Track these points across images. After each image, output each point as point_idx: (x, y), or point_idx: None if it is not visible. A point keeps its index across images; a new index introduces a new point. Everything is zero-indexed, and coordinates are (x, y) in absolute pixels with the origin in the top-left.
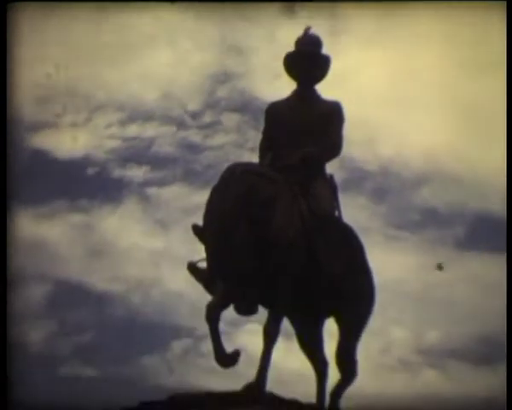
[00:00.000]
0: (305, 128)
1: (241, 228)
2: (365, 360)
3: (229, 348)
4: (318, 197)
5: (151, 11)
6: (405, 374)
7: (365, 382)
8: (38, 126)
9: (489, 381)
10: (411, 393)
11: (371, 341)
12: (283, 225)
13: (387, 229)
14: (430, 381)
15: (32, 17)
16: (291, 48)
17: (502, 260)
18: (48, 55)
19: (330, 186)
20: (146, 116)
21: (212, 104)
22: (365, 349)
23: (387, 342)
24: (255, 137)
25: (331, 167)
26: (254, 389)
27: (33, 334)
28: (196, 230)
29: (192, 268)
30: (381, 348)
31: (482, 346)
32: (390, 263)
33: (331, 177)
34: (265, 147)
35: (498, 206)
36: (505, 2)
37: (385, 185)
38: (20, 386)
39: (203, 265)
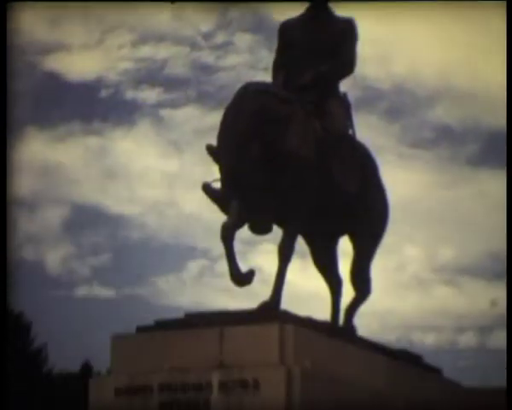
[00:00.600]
0: (317, 46)
1: (255, 147)
2: (379, 278)
3: (244, 267)
4: (332, 116)
5: None
6: (419, 291)
7: (379, 299)
8: (51, 49)
9: (500, 296)
10: (425, 309)
11: (385, 259)
12: (296, 143)
13: (401, 147)
14: (443, 297)
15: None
16: None
17: None
18: None
19: (344, 105)
20: (158, 37)
21: (224, 25)
22: (379, 267)
23: (401, 260)
24: (268, 57)
25: (344, 86)
26: (269, 307)
27: (51, 256)
28: (210, 150)
29: (207, 189)
30: (395, 266)
31: (495, 262)
32: (403, 181)
33: (345, 95)
34: (278, 66)
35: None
36: (505, 2)
37: (398, 104)
38: (39, 308)
39: (217, 185)
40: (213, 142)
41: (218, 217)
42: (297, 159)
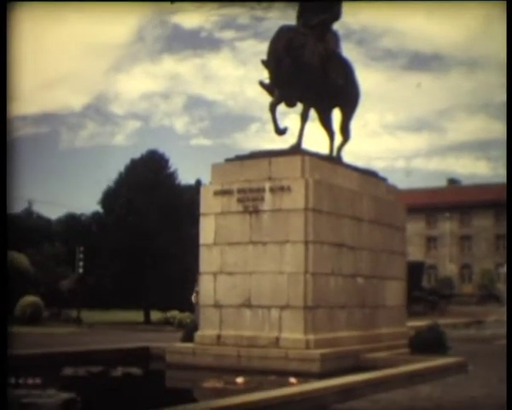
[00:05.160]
0: (322, 3)
1: (287, 61)
2: (354, 131)
3: (281, 125)
4: (329, 42)
5: None
6: (375, 139)
7: (353, 143)
8: (177, 9)
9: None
10: (378, 149)
11: (356, 120)
12: (310, 57)
13: (366, 60)
14: (389, 143)
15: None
16: None
17: None
18: None
19: (336, 36)
20: (232, 2)
21: None
22: (354, 125)
23: (365, 120)
24: (293, 12)
25: (335, 26)
26: (295, 147)
27: (178, 124)
28: (264, 63)
29: (261, 83)
30: (361, 124)
31: (417, 122)
32: (368, 78)
33: (336, 31)
34: (299, 12)
35: None
36: (505, 2)
37: (363, 36)
38: (171, 151)
39: (267, 81)
40: (264, 57)
41: (266, 98)
42: (311, 65)
